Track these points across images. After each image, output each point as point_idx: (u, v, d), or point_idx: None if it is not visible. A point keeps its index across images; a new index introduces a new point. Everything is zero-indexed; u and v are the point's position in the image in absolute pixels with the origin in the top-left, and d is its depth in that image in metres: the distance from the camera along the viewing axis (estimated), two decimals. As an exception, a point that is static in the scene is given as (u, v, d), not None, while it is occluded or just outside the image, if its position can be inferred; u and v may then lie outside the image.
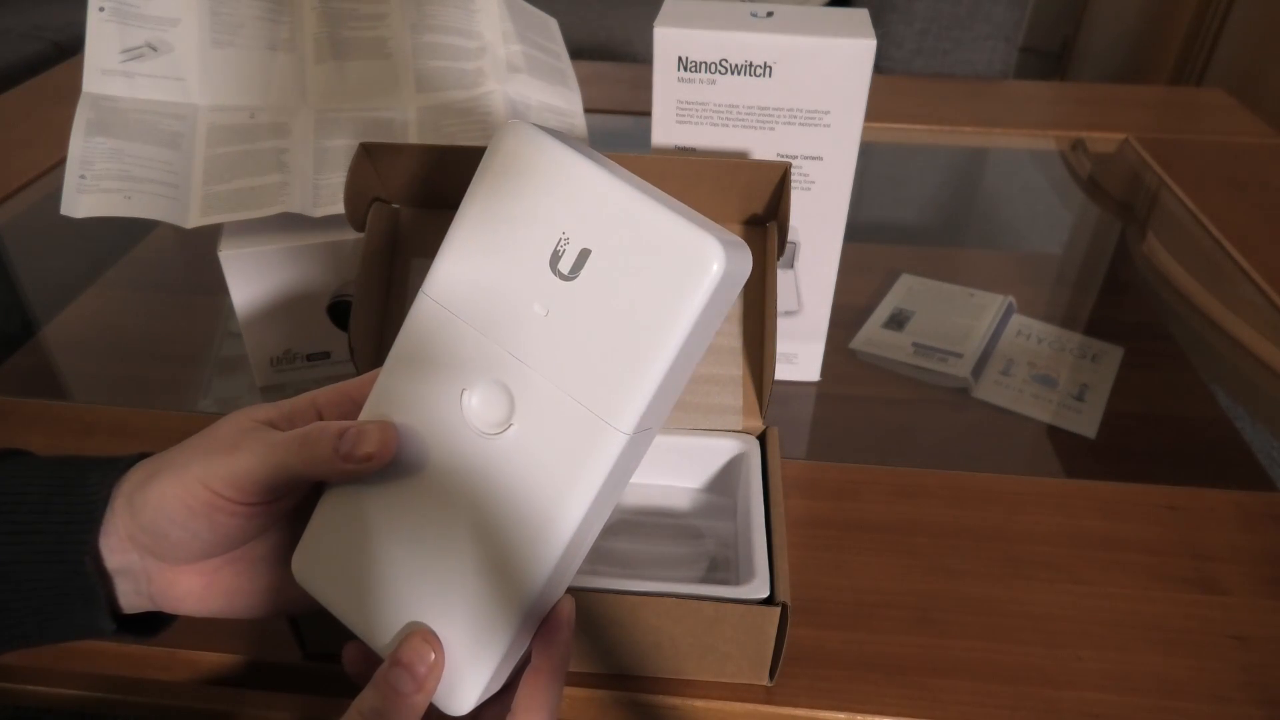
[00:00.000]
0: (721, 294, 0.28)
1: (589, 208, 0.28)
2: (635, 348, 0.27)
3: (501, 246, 0.29)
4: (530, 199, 0.29)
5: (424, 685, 0.29)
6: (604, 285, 0.28)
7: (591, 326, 0.28)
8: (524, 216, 0.29)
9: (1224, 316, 0.71)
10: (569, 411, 0.28)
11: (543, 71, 0.68)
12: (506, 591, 0.29)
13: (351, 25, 0.64)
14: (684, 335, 0.27)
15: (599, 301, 0.28)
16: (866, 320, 0.68)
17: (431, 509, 0.30)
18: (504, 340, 0.29)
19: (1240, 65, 1.59)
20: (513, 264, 0.29)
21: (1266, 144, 0.94)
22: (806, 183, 0.54)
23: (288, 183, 0.57)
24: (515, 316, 0.29)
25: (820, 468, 0.54)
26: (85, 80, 0.59)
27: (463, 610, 0.29)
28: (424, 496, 0.30)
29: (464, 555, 0.29)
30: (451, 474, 0.29)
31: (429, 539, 0.30)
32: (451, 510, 0.29)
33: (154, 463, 0.32)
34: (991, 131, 0.99)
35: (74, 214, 0.54)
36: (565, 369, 0.28)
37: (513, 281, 0.29)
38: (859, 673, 0.43)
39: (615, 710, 0.42)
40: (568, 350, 0.28)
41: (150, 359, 0.66)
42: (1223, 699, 0.42)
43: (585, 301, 0.28)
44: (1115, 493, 0.52)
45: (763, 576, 0.40)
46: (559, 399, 0.28)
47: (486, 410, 0.29)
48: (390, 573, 0.30)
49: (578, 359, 0.28)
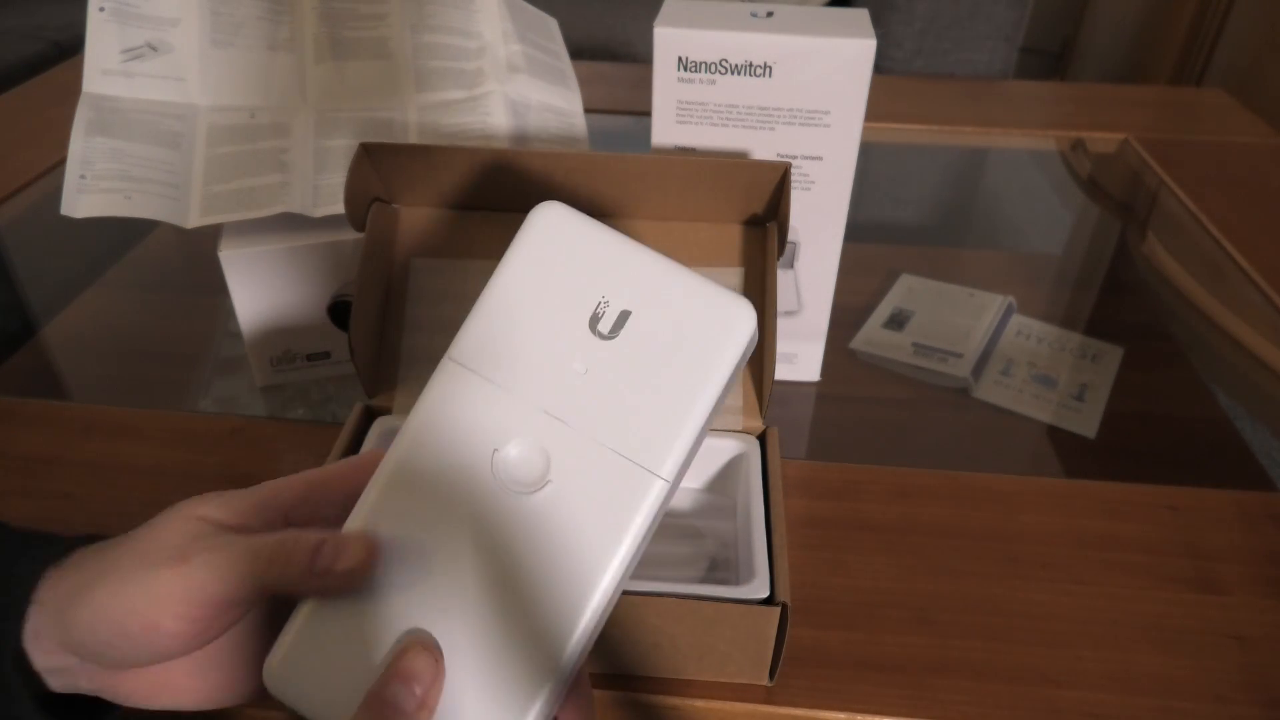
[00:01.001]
0: (747, 351, 0.30)
1: (628, 275, 0.30)
2: (676, 399, 0.29)
3: (537, 311, 0.30)
4: (568, 267, 0.30)
5: (425, 701, 0.26)
6: (644, 344, 0.29)
7: (632, 382, 0.29)
8: (561, 283, 0.30)
9: (1224, 316, 0.71)
10: (609, 463, 0.29)
11: (543, 71, 0.68)
12: (544, 649, 0.28)
13: (351, 25, 0.64)
14: (720, 387, 0.29)
15: (639, 358, 0.29)
16: (866, 320, 0.68)
17: (456, 578, 0.28)
18: (539, 399, 0.29)
19: (1240, 65, 1.59)
20: (550, 326, 0.30)
21: (1266, 144, 0.94)
22: (806, 183, 0.54)
23: (288, 183, 0.57)
24: (551, 375, 0.29)
25: (820, 468, 0.54)
26: (85, 80, 0.59)
27: (494, 676, 0.27)
28: (447, 567, 0.28)
29: (493, 621, 0.28)
30: (482, 537, 0.28)
31: (452, 611, 0.28)
32: (479, 576, 0.28)
33: (92, 563, 0.28)
34: (991, 131, 0.99)
35: (74, 214, 0.54)
36: (605, 422, 0.29)
37: (550, 342, 0.30)
38: (859, 673, 0.43)
39: (615, 710, 0.42)
40: (607, 405, 0.29)
41: (150, 359, 0.66)
42: (1223, 699, 0.42)
43: (626, 359, 0.29)
44: (1115, 493, 0.52)
45: (763, 576, 0.40)
46: (599, 451, 0.29)
47: (522, 468, 0.29)
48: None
49: (618, 413, 0.29)
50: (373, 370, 0.50)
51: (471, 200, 0.52)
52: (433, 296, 0.51)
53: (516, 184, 0.50)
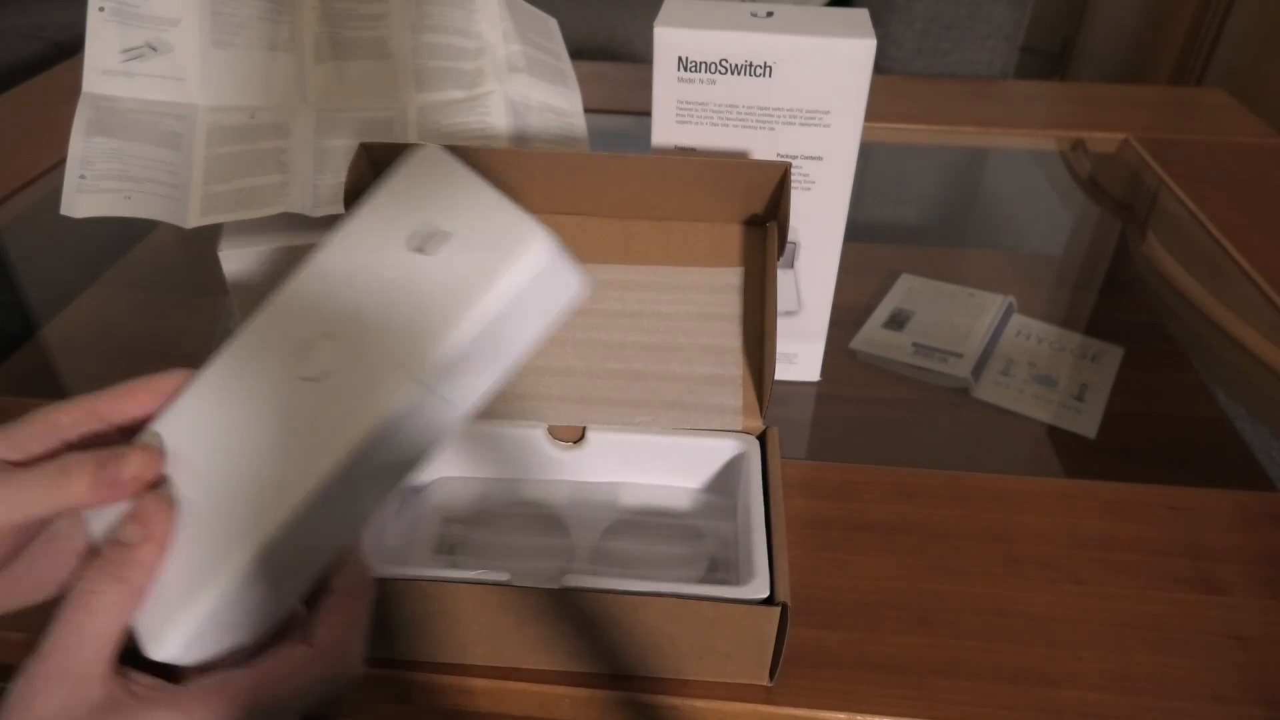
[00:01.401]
0: (543, 288, 0.32)
1: (459, 205, 0.34)
2: (448, 309, 0.31)
3: (371, 231, 0.34)
4: (416, 198, 0.34)
5: (151, 535, 0.29)
6: (450, 262, 0.32)
7: (427, 295, 0.31)
8: (401, 209, 0.34)
9: (1224, 316, 0.71)
10: (377, 359, 0.31)
11: (543, 71, 0.68)
12: (260, 513, 0.29)
13: (351, 25, 0.64)
14: (495, 306, 0.31)
15: (442, 275, 0.32)
16: (866, 320, 0.68)
17: (211, 445, 0.31)
18: (336, 307, 0.32)
19: (1240, 65, 1.59)
20: (374, 244, 0.33)
21: (1266, 144, 0.94)
22: (806, 183, 0.54)
23: (288, 183, 0.57)
24: (354, 287, 0.32)
25: (820, 468, 0.54)
26: (85, 80, 0.58)
27: (192, 542, 0.29)
28: (210, 438, 0.31)
29: (224, 484, 0.30)
30: (250, 419, 0.31)
31: (196, 471, 0.31)
32: (230, 446, 0.31)
33: None
34: (991, 131, 0.99)
35: (74, 214, 0.54)
36: (389, 328, 0.31)
37: (367, 257, 0.33)
38: (859, 673, 0.43)
39: (615, 710, 0.42)
40: (399, 313, 0.31)
41: (150, 359, 0.65)
42: (1223, 699, 0.42)
43: (430, 275, 0.32)
44: (1115, 493, 0.52)
45: (763, 576, 0.40)
46: (374, 351, 0.31)
47: (307, 362, 0.31)
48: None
49: (403, 320, 0.31)
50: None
51: (471, 200, 0.52)
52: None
53: (517, 184, 0.50)
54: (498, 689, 0.42)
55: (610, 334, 0.50)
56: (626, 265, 0.51)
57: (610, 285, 0.51)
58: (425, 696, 0.43)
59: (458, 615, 0.41)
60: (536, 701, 0.42)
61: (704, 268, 0.51)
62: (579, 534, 0.48)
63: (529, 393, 0.49)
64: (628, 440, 0.49)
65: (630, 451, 0.49)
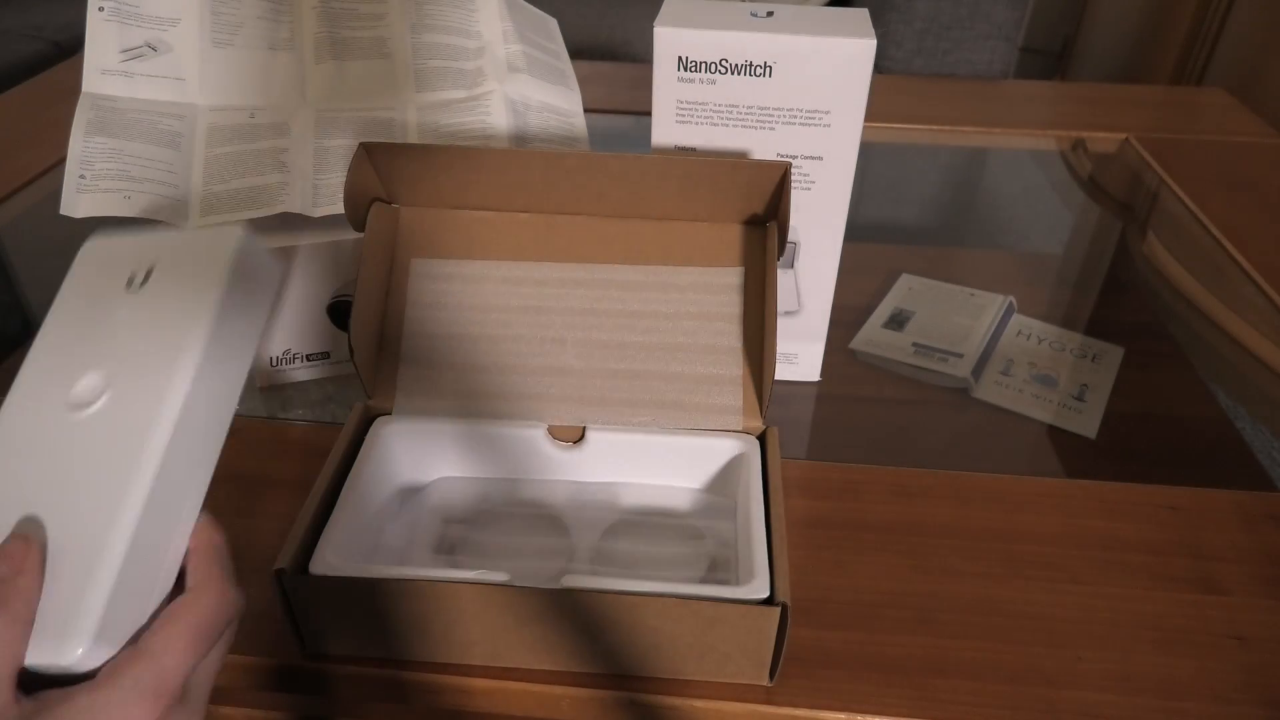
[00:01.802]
0: (251, 269, 0.40)
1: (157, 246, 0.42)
2: (169, 328, 0.37)
3: (95, 283, 0.41)
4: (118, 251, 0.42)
5: (23, 568, 0.32)
6: (159, 291, 0.39)
7: (145, 320, 0.38)
8: (114, 262, 0.42)
9: (1224, 316, 0.71)
10: (132, 384, 0.36)
11: (543, 71, 0.68)
12: (99, 531, 0.33)
13: (351, 25, 0.63)
14: (218, 299, 0.38)
15: (154, 303, 0.39)
16: (866, 320, 0.68)
17: (31, 477, 0.35)
18: (93, 348, 0.38)
19: (1240, 65, 1.59)
20: (99, 291, 0.40)
21: (1266, 144, 0.94)
22: (806, 183, 0.54)
23: (288, 183, 0.57)
24: (97, 328, 0.38)
25: (820, 468, 0.54)
26: (85, 80, 0.58)
27: (62, 556, 0.33)
28: (25, 468, 0.35)
29: (62, 512, 0.33)
30: (48, 446, 0.35)
31: (39, 506, 0.34)
32: (46, 481, 0.34)
33: None
34: (991, 131, 0.99)
35: (74, 214, 0.54)
36: (130, 353, 0.37)
37: (97, 303, 0.39)
38: (859, 673, 0.43)
39: (615, 710, 0.42)
40: (131, 339, 0.37)
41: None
42: (1223, 699, 0.42)
43: (145, 305, 0.39)
44: (1115, 493, 0.52)
45: (763, 576, 0.40)
46: (128, 374, 0.36)
47: (83, 393, 0.36)
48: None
49: (136, 344, 0.37)
50: (373, 370, 0.50)
51: (471, 200, 0.52)
52: (433, 297, 0.51)
53: (516, 184, 0.50)
54: (497, 689, 0.42)
55: (610, 334, 0.50)
56: (626, 265, 0.51)
57: (610, 285, 0.51)
58: (425, 696, 0.43)
59: (458, 615, 0.40)
60: (536, 701, 0.42)
61: (704, 268, 0.51)
62: (579, 534, 0.48)
63: (529, 392, 0.49)
64: (628, 440, 0.49)
65: (630, 451, 0.49)
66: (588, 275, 0.51)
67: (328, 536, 0.42)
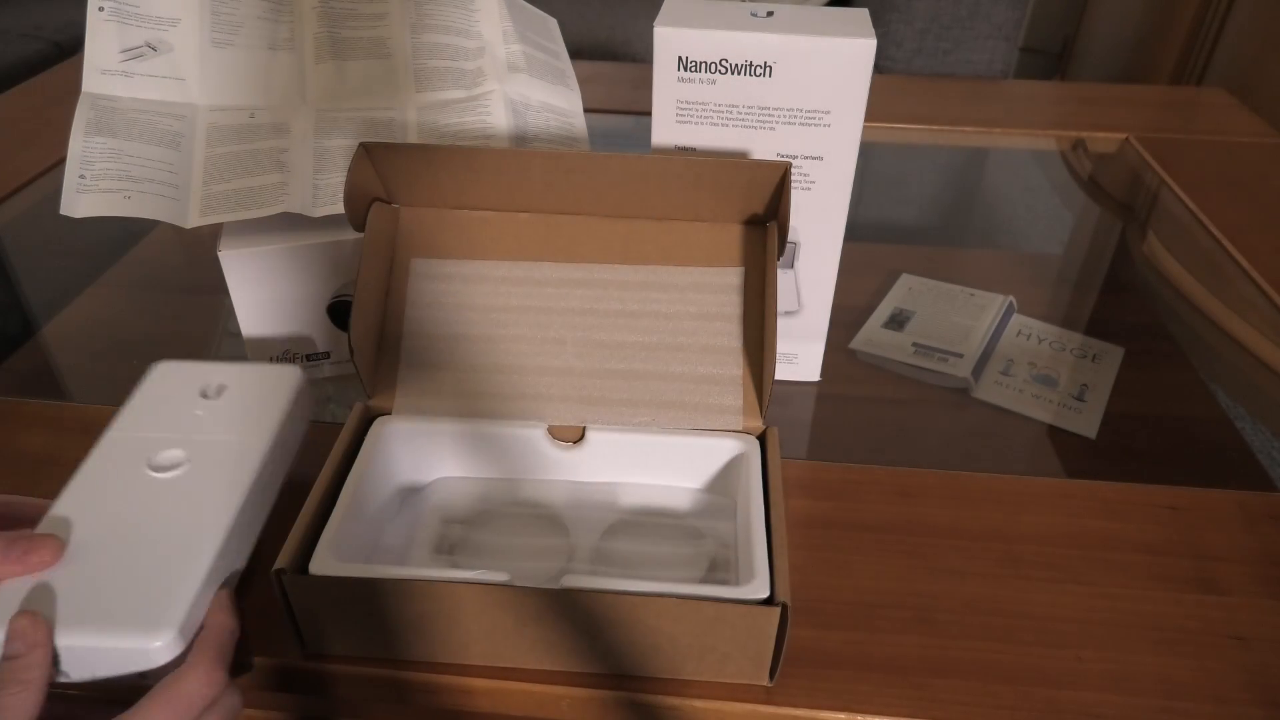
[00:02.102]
0: (299, 399, 0.49)
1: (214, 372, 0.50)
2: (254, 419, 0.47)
3: (169, 393, 0.49)
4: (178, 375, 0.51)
5: (38, 641, 0.36)
6: (232, 399, 0.48)
7: (226, 418, 0.47)
8: (180, 377, 0.50)
9: (1224, 316, 0.71)
10: (222, 452, 0.45)
11: (543, 71, 0.68)
12: (192, 550, 0.40)
13: (351, 25, 0.64)
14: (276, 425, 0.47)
15: (231, 406, 0.48)
16: (866, 320, 0.68)
17: (112, 517, 0.42)
18: (178, 431, 0.46)
19: (1240, 65, 1.59)
20: (175, 397, 0.48)
21: (1266, 144, 0.94)
22: (806, 183, 0.54)
23: (287, 183, 0.57)
24: (182, 420, 0.47)
25: (820, 468, 0.54)
26: (85, 80, 0.58)
27: (142, 572, 0.39)
28: (108, 521, 0.41)
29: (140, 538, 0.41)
30: (131, 505, 0.42)
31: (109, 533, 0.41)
32: (118, 529, 0.41)
33: None
34: (991, 131, 0.99)
35: (74, 214, 0.54)
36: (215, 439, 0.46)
37: (175, 405, 0.48)
38: (859, 673, 0.43)
39: (615, 710, 0.42)
40: (214, 429, 0.46)
41: (150, 359, 0.65)
42: (1223, 699, 0.42)
43: (223, 407, 0.48)
44: (1115, 493, 0.52)
45: (763, 576, 0.40)
46: (214, 452, 0.45)
47: (164, 461, 0.44)
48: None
49: (219, 434, 0.46)
50: (373, 370, 0.50)
51: (471, 200, 0.52)
52: (433, 297, 0.51)
53: (516, 184, 0.50)
54: (497, 689, 0.42)
55: (610, 334, 0.50)
56: (626, 265, 0.51)
57: (610, 285, 0.51)
58: (425, 696, 0.43)
59: (458, 615, 0.40)
60: (536, 701, 0.42)
61: (704, 267, 0.51)
62: (579, 534, 0.48)
63: (529, 393, 0.49)
64: (628, 440, 0.49)
65: (630, 451, 0.49)
66: (588, 275, 0.51)
67: (328, 536, 0.42)
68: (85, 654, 0.38)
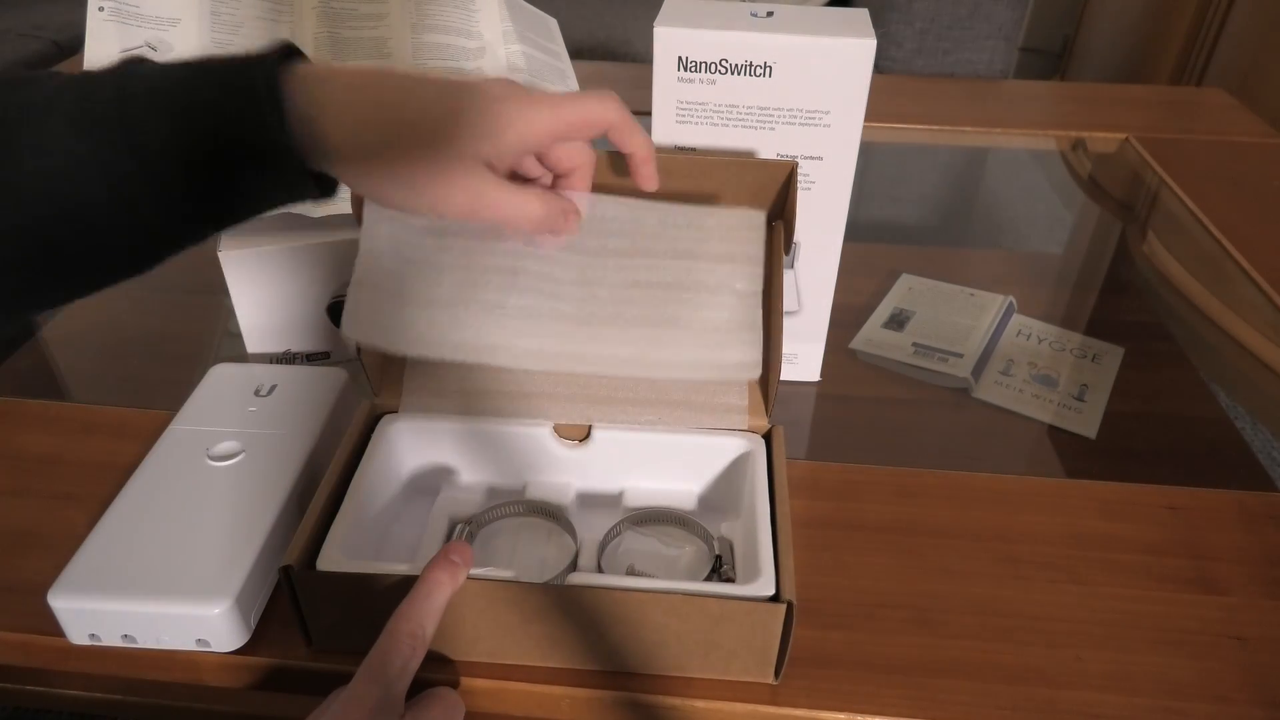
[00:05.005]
0: (344, 397, 0.54)
1: (280, 372, 0.55)
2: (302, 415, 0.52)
3: (227, 390, 0.54)
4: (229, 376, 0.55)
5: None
6: (284, 394, 0.53)
7: (278, 414, 0.52)
8: (236, 378, 0.55)
9: (1224, 316, 0.71)
10: (274, 444, 0.50)
11: (543, 71, 0.68)
12: (246, 529, 0.45)
13: (351, 25, 0.64)
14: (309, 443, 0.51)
15: (283, 402, 0.53)
16: (866, 320, 0.68)
17: (174, 512, 0.46)
18: (235, 424, 0.51)
19: (1240, 65, 1.59)
20: (231, 394, 0.53)
21: (1266, 144, 0.94)
22: (807, 183, 0.54)
23: (288, 182, 0.57)
24: (238, 414, 0.52)
25: (820, 468, 0.54)
26: (86, 80, 0.58)
27: (208, 548, 0.44)
28: (172, 503, 0.46)
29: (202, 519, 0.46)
30: (193, 488, 0.47)
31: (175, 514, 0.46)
32: (192, 500, 0.46)
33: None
34: (991, 131, 0.99)
35: (75, 214, 0.54)
36: (268, 432, 0.51)
37: (232, 402, 0.53)
38: (859, 673, 0.43)
39: (618, 709, 0.42)
40: (266, 423, 0.51)
41: (150, 359, 0.66)
42: (1223, 699, 0.42)
43: (275, 404, 0.52)
44: (1115, 493, 0.52)
45: (768, 574, 0.40)
46: (268, 443, 0.50)
47: (222, 451, 0.49)
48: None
49: (271, 428, 0.51)
50: (379, 368, 0.50)
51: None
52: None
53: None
54: (498, 689, 0.42)
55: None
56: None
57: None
58: (426, 696, 0.43)
59: (462, 612, 0.41)
60: (537, 701, 0.42)
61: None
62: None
63: (535, 391, 0.49)
64: (633, 439, 0.49)
65: (636, 450, 0.49)
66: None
67: (334, 533, 0.42)
68: (151, 620, 0.42)
